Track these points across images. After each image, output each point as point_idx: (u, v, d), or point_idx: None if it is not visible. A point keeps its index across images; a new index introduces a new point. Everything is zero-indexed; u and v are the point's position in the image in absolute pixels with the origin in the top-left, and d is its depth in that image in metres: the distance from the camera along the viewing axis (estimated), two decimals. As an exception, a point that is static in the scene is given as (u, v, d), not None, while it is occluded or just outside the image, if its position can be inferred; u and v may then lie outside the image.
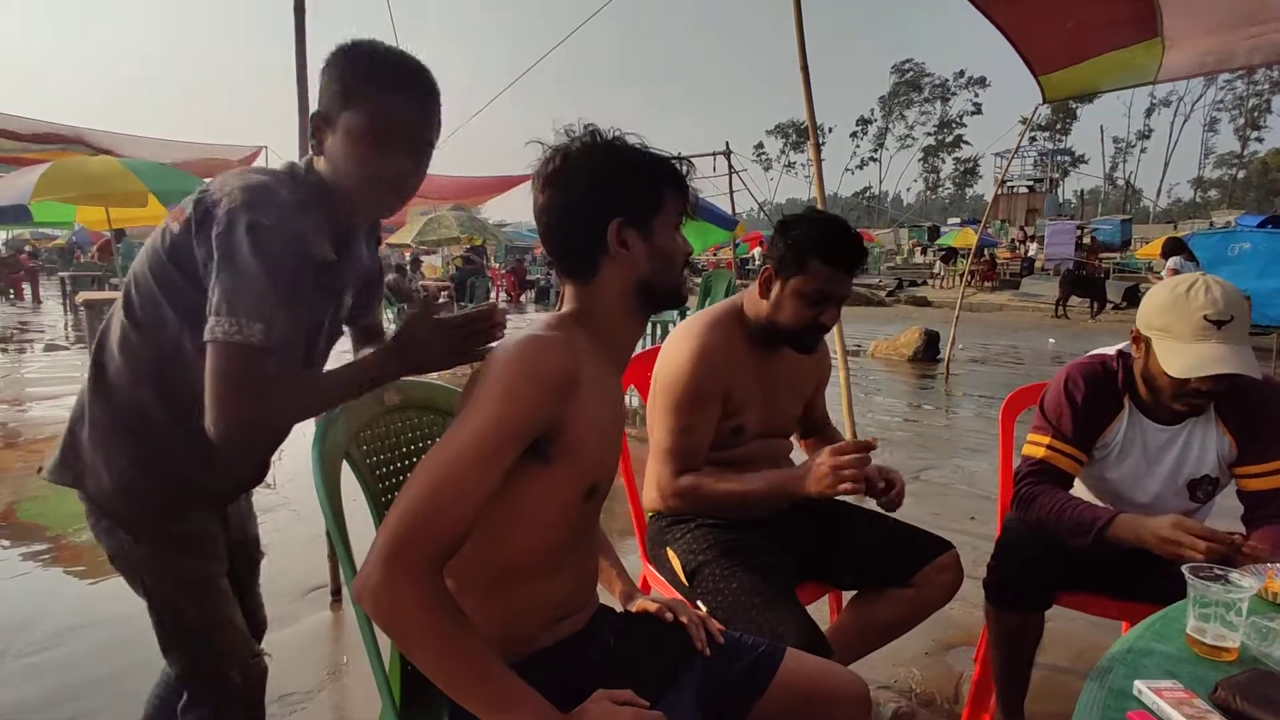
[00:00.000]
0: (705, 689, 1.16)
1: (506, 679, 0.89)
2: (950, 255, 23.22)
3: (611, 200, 1.04)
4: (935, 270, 23.43)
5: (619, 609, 1.29)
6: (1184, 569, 1.05)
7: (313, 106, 1.21)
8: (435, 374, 1.33)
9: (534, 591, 1.07)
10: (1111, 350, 1.70)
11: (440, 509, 0.88)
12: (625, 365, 1.18)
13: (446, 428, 1.36)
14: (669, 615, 1.25)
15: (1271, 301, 10.30)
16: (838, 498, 1.65)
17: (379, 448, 1.35)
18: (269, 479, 1.43)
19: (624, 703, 0.95)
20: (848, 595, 1.85)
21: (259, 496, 1.56)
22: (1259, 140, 64.26)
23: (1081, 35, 4.49)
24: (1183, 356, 1.45)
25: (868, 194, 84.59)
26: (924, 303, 16.61)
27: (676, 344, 1.58)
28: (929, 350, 8.76)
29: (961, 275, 11.27)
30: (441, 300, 1.35)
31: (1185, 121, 66.62)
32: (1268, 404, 1.57)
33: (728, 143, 10.38)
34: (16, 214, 7.53)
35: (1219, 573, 1.04)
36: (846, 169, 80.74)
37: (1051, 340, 11.41)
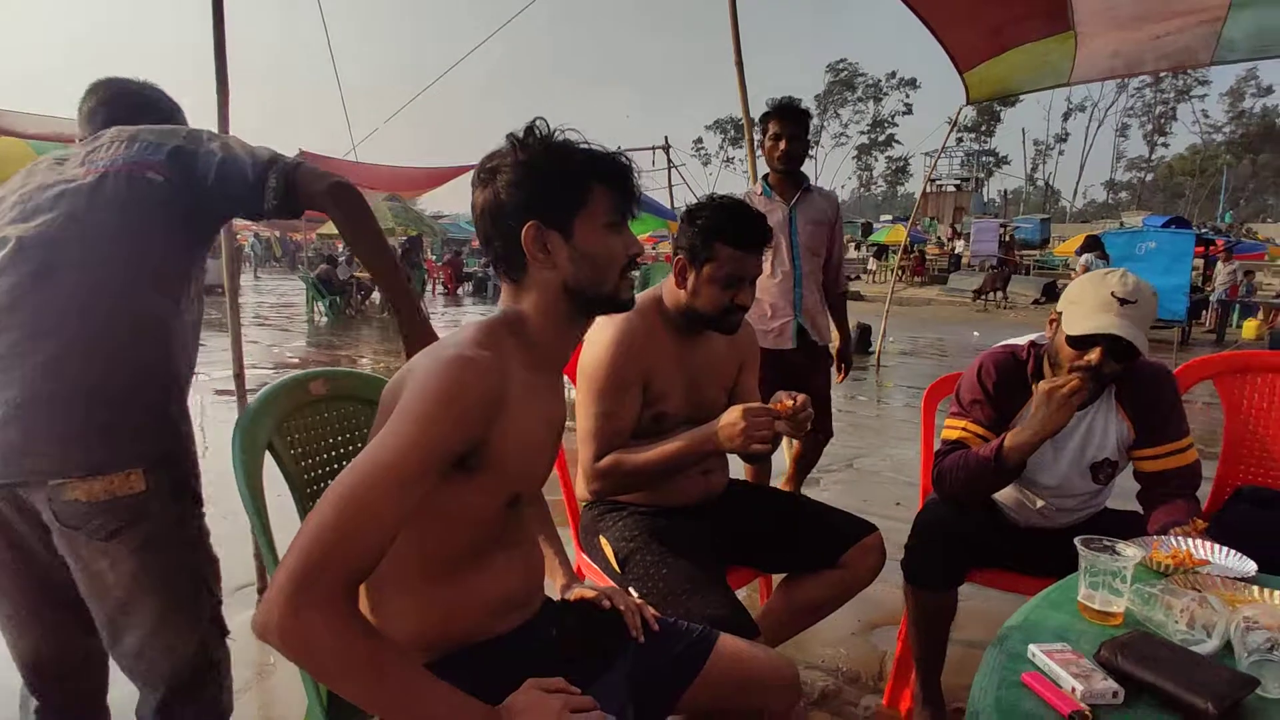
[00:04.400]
0: (638, 675, 1.17)
1: (429, 686, 0.86)
2: (883, 251, 23.90)
3: (529, 200, 1.01)
4: (869, 266, 24.08)
5: (559, 598, 1.30)
6: (1076, 541, 1.13)
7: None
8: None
9: (466, 587, 1.05)
10: (1022, 341, 1.79)
11: (350, 537, 0.83)
12: (563, 366, 1.17)
13: (374, 418, 1.34)
14: (606, 603, 1.26)
15: (1174, 297, 10.99)
16: (759, 481, 1.71)
17: (305, 439, 1.33)
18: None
19: (554, 690, 0.95)
20: (777, 579, 1.91)
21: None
22: (1165, 146, 68.38)
23: (1000, 28, 4.72)
24: (1082, 320, 1.56)
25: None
26: (858, 297, 16.99)
27: (597, 332, 1.61)
28: (861, 343, 8.99)
29: (892, 270, 11.64)
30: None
31: (1099, 126, 70.27)
32: (1162, 392, 1.69)
33: (666, 137, 10.48)
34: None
35: (1107, 544, 1.12)
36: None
37: (976, 333, 11.88)
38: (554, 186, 1.02)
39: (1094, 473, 1.74)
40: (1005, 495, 1.83)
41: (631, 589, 1.54)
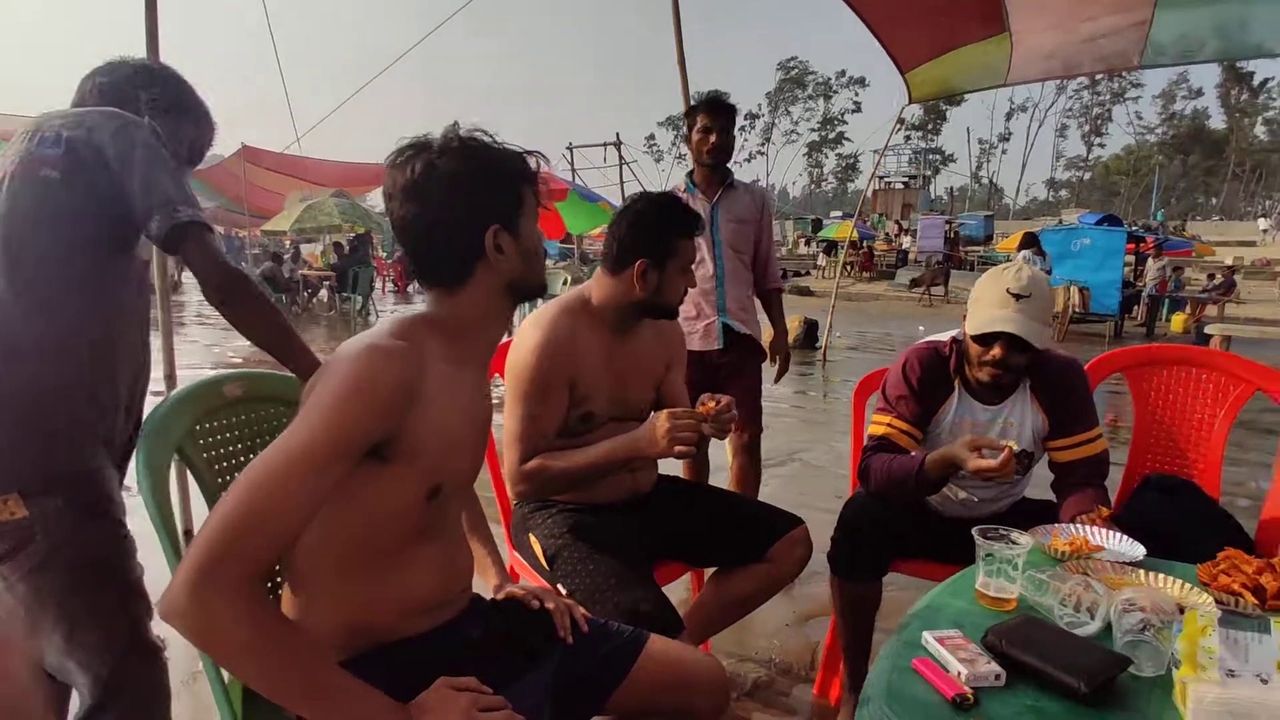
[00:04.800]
0: (564, 675, 1.18)
1: (337, 679, 0.87)
2: (832, 247, 24.24)
3: (486, 207, 1.04)
4: (818, 261, 24.42)
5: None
6: (974, 531, 1.18)
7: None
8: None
9: (387, 581, 1.05)
10: (945, 337, 1.85)
11: (259, 524, 0.83)
12: (489, 359, 1.18)
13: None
14: (535, 603, 1.26)
15: (1107, 292, 11.45)
16: (698, 479, 1.74)
17: (220, 441, 1.31)
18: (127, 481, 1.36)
19: (465, 689, 0.95)
20: (708, 573, 1.94)
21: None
22: (1101, 146, 71.25)
23: (938, 30, 4.86)
24: (980, 318, 1.63)
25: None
26: (807, 292, 17.21)
27: (524, 334, 1.62)
28: (808, 338, 9.12)
29: (839, 266, 11.83)
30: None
31: (1040, 126, 72.72)
32: (1073, 385, 1.77)
33: (618, 134, 10.47)
34: None
35: (1003, 533, 1.18)
36: (734, 162, 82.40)
37: (922, 327, 12.13)
38: (506, 191, 1.06)
39: (1012, 463, 1.81)
40: (929, 487, 1.89)
41: (560, 586, 1.55)
